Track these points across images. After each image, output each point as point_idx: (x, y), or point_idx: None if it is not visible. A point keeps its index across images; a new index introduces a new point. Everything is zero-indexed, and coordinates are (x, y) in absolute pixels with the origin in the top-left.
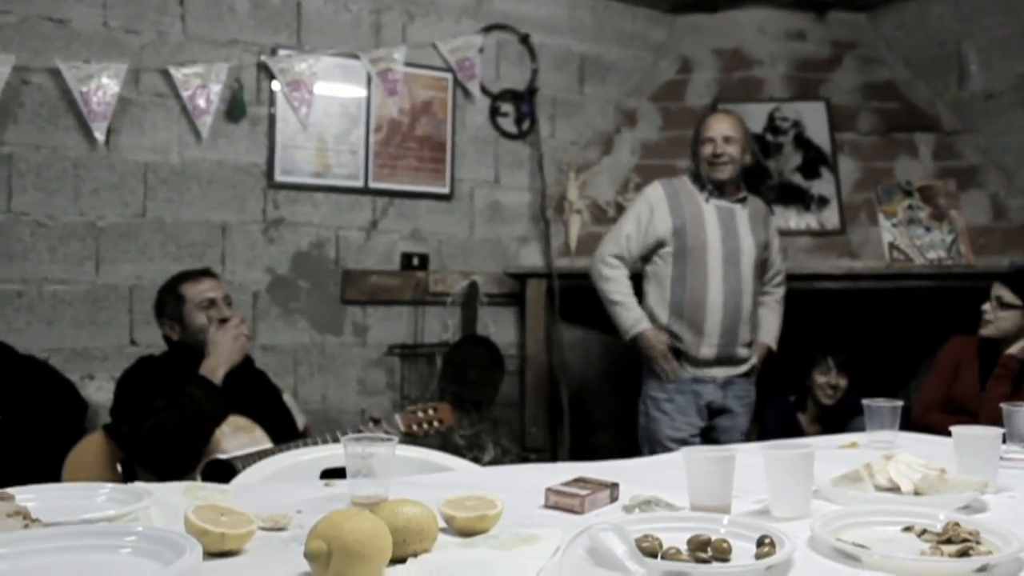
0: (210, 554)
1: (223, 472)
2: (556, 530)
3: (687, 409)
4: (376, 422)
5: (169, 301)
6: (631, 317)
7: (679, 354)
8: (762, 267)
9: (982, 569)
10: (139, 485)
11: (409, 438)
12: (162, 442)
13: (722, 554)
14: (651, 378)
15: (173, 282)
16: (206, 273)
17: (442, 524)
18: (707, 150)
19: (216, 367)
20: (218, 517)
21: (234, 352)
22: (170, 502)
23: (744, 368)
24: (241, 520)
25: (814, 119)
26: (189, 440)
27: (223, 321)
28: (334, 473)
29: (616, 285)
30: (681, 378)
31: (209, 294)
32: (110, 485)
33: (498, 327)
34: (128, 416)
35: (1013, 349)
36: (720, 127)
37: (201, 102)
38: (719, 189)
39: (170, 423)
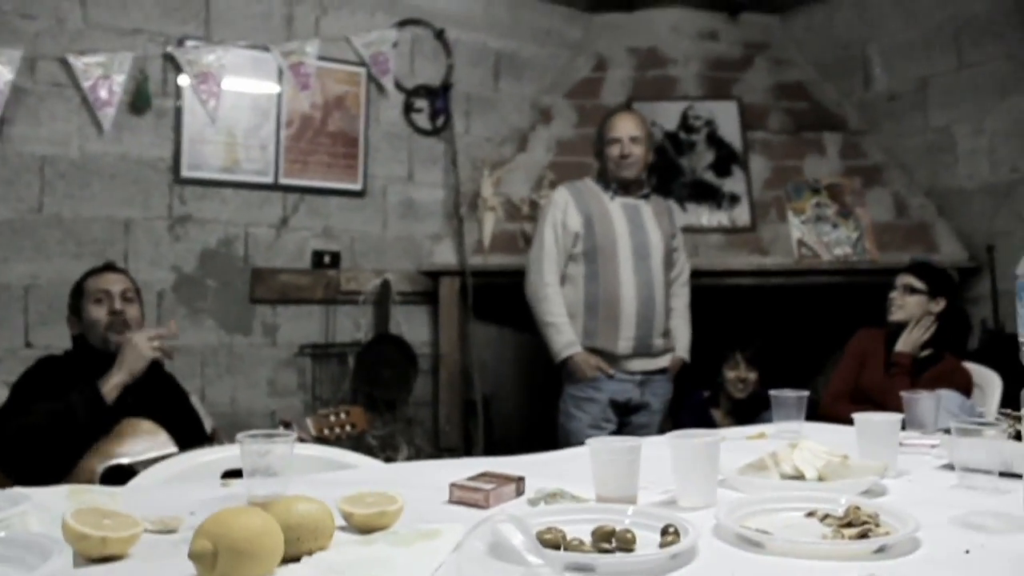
0: (91, 559)
1: (124, 479)
2: (458, 525)
3: (606, 407)
4: (287, 426)
5: (74, 296)
6: (563, 340)
7: (599, 354)
8: (670, 259)
9: (880, 550)
10: (17, 490)
11: (321, 443)
12: (24, 444)
13: (626, 544)
14: (570, 377)
15: (81, 277)
16: (109, 267)
17: (341, 522)
18: (615, 151)
19: (112, 378)
20: (100, 520)
21: (137, 362)
22: (50, 507)
23: (662, 362)
24: (125, 523)
25: (726, 118)
26: (54, 448)
27: (115, 314)
28: (236, 474)
29: (551, 305)
30: (601, 376)
31: (105, 287)
32: None
33: (411, 326)
34: (5, 413)
35: (901, 345)
36: (626, 127)
37: (103, 93)
38: (624, 187)
39: (38, 426)
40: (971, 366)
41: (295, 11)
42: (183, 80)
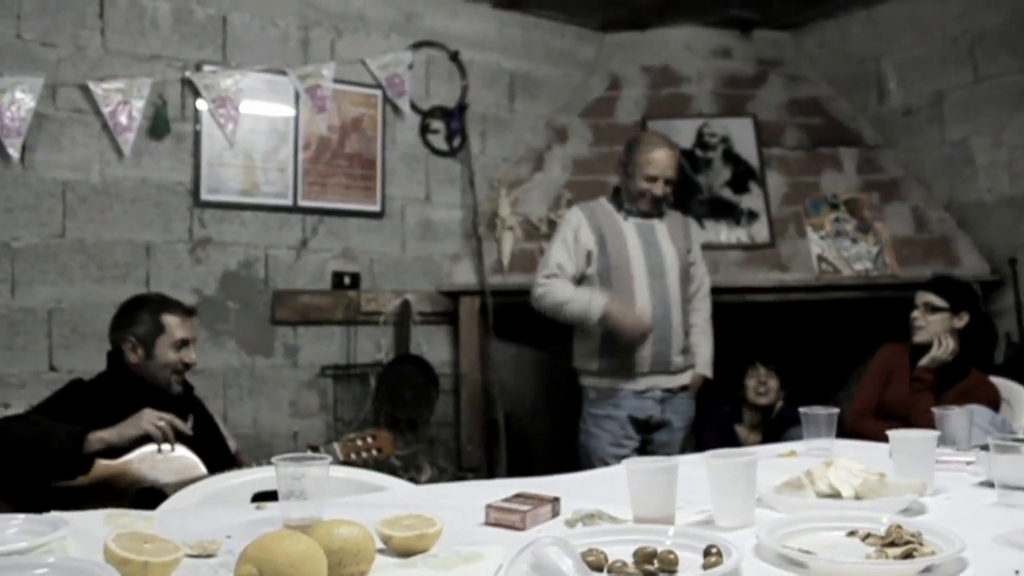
0: None
1: (154, 503)
2: (498, 547)
3: (626, 424)
4: (315, 451)
5: (145, 322)
6: (585, 302)
7: (617, 371)
8: (687, 275)
9: (927, 570)
10: (55, 515)
11: (348, 467)
12: None
13: (669, 566)
14: (590, 395)
15: (156, 305)
16: (192, 312)
17: (380, 545)
18: (649, 186)
19: (104, 433)
20: (141, 545)
21: (130, 429)
22: (88, 532)
23: (682, 379)
24: (166, 547)
25: (742, 135)
26: (16, 465)
27: (188, 364)
28: (266, 497)
29: (556, 290)
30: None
31: (186, 335)
32: (22, 516)
33: (431, 346)
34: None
35: (924, 361)
36: (667, 166)
37: (123, 118)
38: (638, 208)
39: (12, 437)
40: (998, 380)
41: (311, 35)
42: (201, 104)
